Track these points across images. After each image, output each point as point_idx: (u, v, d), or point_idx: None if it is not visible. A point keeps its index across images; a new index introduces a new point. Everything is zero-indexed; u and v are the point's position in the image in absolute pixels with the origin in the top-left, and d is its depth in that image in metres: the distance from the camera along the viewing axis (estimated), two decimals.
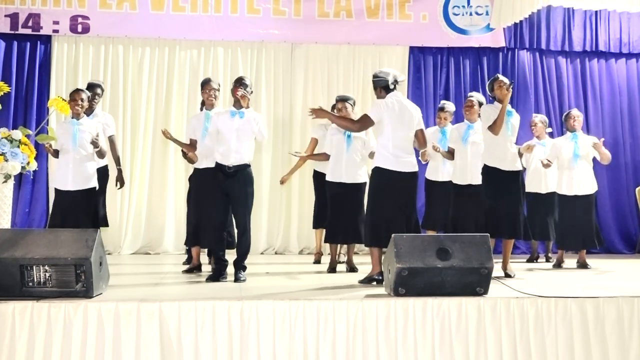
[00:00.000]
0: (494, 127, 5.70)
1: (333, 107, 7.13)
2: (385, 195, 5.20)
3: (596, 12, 9.13)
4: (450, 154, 6.58)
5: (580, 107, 9.15)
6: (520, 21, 8.79)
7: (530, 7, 8.06)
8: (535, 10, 8.32)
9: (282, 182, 7.51)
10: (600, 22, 9.25)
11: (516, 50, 9.19)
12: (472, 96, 6.64)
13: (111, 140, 6.59)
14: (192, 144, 6.02)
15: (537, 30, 9.18)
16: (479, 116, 6.26)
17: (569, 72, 9.31)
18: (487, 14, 8.99)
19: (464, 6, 9.02)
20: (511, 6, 8.28)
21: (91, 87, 6.59)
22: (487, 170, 5.83)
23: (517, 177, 5.84)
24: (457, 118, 7.50)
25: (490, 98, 5.96)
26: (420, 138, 5.39)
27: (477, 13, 9.05)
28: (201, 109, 6.34)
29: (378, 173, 5.26)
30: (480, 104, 6.40)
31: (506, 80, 5.84)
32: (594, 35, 9.26)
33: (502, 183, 5.75)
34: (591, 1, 8.43)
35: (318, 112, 5.41)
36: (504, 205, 5.70)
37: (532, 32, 9.18)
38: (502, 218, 5.69)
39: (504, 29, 8.99)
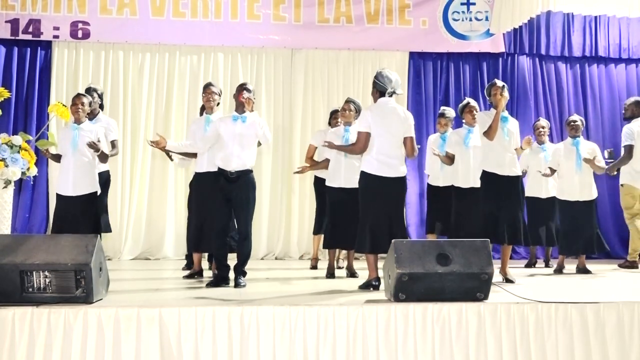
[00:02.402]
0: (488, 132, 5.72)
1: (332, 113, 7.14)
2: (370, 200, 5.21)
3: (596, 17, 9.15)
4: (449, 159, 6.61)
5: (580, 112, 9.16)
6: (520, 26, 8.81)
7: (530, 12, 8.07)
8: (535, 16, 8.32)
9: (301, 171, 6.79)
10: (600, 27, 9.27)
11: (516, 55, 9.21)
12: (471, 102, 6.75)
13: (113, 145, 6.58)
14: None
15: (537, 36, 9.21)
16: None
17: (569, 77, 9.33)
18: (486, 19, 9.01)
19: (463, 12, 9.05)
20: (510, 11, 8.29)
21: (88, 91, 6.57)
22: (486, 176, 5.84)
23: (516, 182, 5.84)
24: (456, 124, 7.51)
25: (489, 103, 5.97)
26: (408, 146, 5.32)
27: (476, 18, 9.06)
28: (201, 114, 6.35)
29: (363, 177, 5.29)
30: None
31: (501, 85, 5.86)
32: (593, 41, 9.28)
33: (500, 188, 5.75)
34: (591, 6, 8.44)
35: (331, 145, 5.65)
36: (503, 210, 5.70)
37: (532, 38, 9.21)
38: (502, 224, 5.68)
39: (503, 34, 9.01)
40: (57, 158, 5.84)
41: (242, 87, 5.62)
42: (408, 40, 9.01)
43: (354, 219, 5.58)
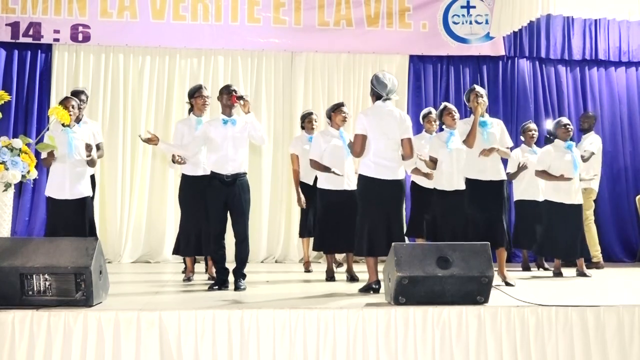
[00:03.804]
0: (467, 140, 5.78)
1: (304, 117, 7.26)
2: (368, 203, 5.21)
3: (596, 20, 9.16)
4: (433, 163, 6.56)
5: (580, 116, 9.17)
6: (520, 30, 8.81)
7: (530, 15, 8.06)
8: (535, 19, 8.32)
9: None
10: (600, 30, 9.27)
11: (516, 58, 9.21)
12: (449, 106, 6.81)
13: (98, 147, 6.58)
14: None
15: (537, 39, 9.20)
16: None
17: (569, 80, 9.33)
18: (486, 22, 9.01)
19: (463, 15, 9.05)
20: (510, 15, 8.30)
21: (76, 94, 6.56)
22: (469, 183, 5.89)
23: (499, 186, 5.85)
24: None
25: (468, 109, 5.97)
26: (406, 147, 5.29)
27: (477, 22, 9.07)
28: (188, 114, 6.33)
29: (361, 180, 5.29)
30: None
31: (481, 91, 5.86)
32: (593, 44, 9.28)
33: (484, 193, 5.79)
34: (591, 10, 8.43)
35: None
36: (486, 214, 5.74)
37: (532, 41, 9.20)
38: (485, 227, 5.70)
39: (503, 37, 9.02)
40: (46, 161, 5.85)
41: (230, 90, 5.58)
42: (408, 43, 9.01)
43: (348, 221, 5.57)
